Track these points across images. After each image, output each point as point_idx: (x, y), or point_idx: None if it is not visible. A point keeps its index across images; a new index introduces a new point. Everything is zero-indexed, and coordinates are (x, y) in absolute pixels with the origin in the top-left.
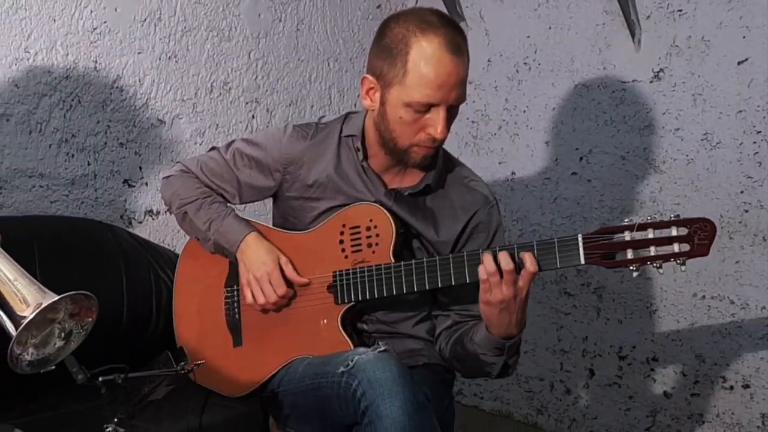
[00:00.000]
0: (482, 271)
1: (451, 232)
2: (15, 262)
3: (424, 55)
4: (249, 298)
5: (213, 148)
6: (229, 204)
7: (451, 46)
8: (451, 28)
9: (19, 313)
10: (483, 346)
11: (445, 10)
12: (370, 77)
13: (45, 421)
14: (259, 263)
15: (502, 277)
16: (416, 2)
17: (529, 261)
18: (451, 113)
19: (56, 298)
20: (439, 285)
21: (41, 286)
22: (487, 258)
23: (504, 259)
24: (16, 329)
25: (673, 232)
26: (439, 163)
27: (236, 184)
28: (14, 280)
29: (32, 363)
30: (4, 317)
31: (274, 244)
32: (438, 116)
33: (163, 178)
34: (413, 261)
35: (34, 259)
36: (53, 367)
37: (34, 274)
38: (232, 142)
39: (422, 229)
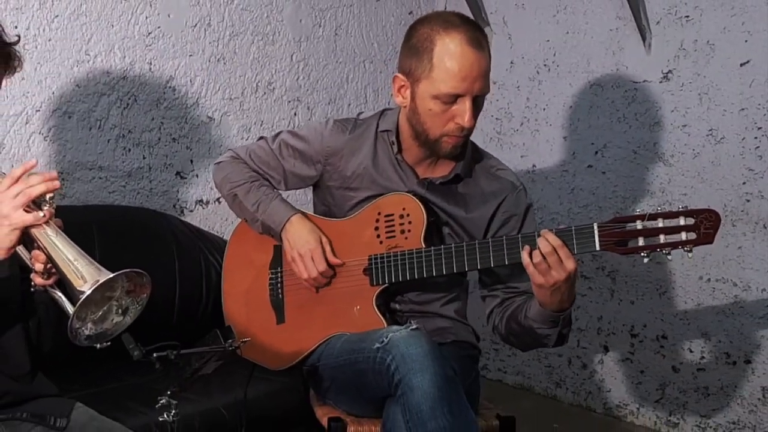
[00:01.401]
0: (537, 255)
1: (482, 216)
2: (75, 243)
3: (448, 50)
4: (297, 273)
5: (261, 138)
6: (275, 189)
7: (472, 41)
8: (471, 26)
9: (78, 289)
10: (538, 321)
11: (471, 16)
12: (400, 76)
13: (104, 394)
14: (302, 241)
15: (545, 260)
16: (445, 7)
17: (547, 238)
18: (477, 103)
19: (112, 275)
20: (466, 269)
21: (99, 265)
22: (541, 241)
23: (551, 237)
24: (75, 305)
25: (681, 221)
26: (468, 154)
27: (282, 172)
28: (74, 260)
29: (90, 337)
30: (63, 298)
31: None
32: (464, 106)
33: (215, 163)
34: (443, 246)
35: (94, 245)
36: (109, 343)
37: (94, 258)
38: (279, 133)
39: (454, 212)
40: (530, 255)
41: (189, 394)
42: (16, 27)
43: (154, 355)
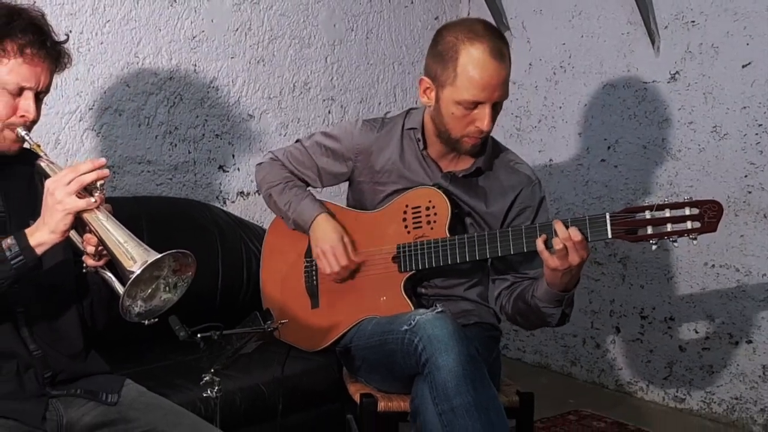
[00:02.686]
0: (557, 242)
1: (500, 207)
2: (124, 227)
3: (471, 61)
4: (321, 268)
5: (297, 141)
6: (308, 188)
7: (495, 52)
8: (495, 37)
9: (128, 269)
10: (544, 300)
11: (492, 21)
12: (426, 79)
13: (152, 371)
14: (325, 239)
15: (565, 247)
16: (468, 14)
17: (572, 232)
18: (496, 109)
19: (160, 255)
20: (488, 256)
21: (147, 246)
22: (561, 228)
23: (573, 231)
24: (126, 284)
25: (687, 211)
26: (488, 149)
27: (316, 170)
28: (124, 242)
29: (140, 314)
30: (113, 278)
31: (348, 222)
32: (484, 112)
33: (257, 164)
34: (466, 235)
35: (143, 234)
36: (157, 319)
37: None
38: (313, 134)
39: (475, 204)
40: (545, 242)
41: (231, 372)
42: (70, 31)
43: (199, 335)
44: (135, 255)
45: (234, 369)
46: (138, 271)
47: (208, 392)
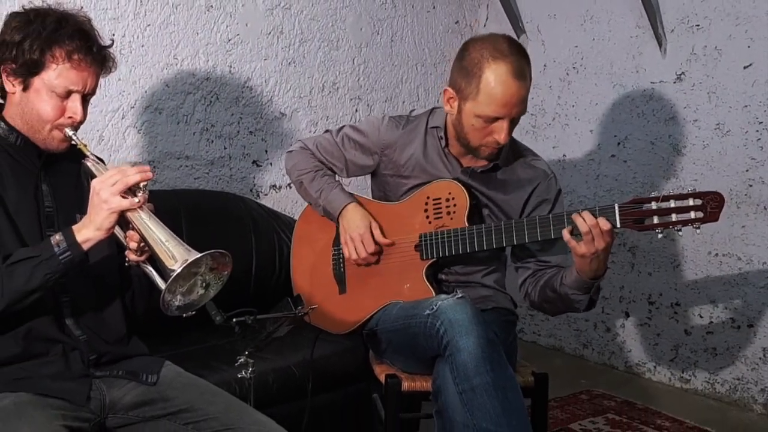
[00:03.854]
0: (584, 224)
1: (517, 199)
2: (165, 226)
3: (494, 79)
4: (347, 254)
5: (327, 131)
6: (337, 178)
7: (516, 72)
8: (518, 56)
9: (169, 267)
10: (573, 287)
11: (509, 24)
12: (450, 89)
13: (189, 354)
14: (354, 227)
15: (591, 231)
16: (486, 19)
17: (600, 221)
18: (513, 123)
19: (199, 255)
20: (504, 245)
21: (187, 246)
22: (589, 217)
23: (602, 220)
24: (167, 281)
25: (690, 202)
26: (506, 146)
27: (343, 161)
28: (165, 241)
29: (180, 307)
30: (154, 272)
31: (372, 212)
32: (502, 126)
33: (287, 152)
34: (483, 225)
35: (181, 225)
36: (194, 312)
37: (182, 236)
38: (342, 127)
39: (493, 196)
40: (570, 232)
41: (264, 354)
42: (113, 34)
43: (234, 320)
44: (176, 254)
45: (267, 351)
46: (179, 270)
47: (243, 373)
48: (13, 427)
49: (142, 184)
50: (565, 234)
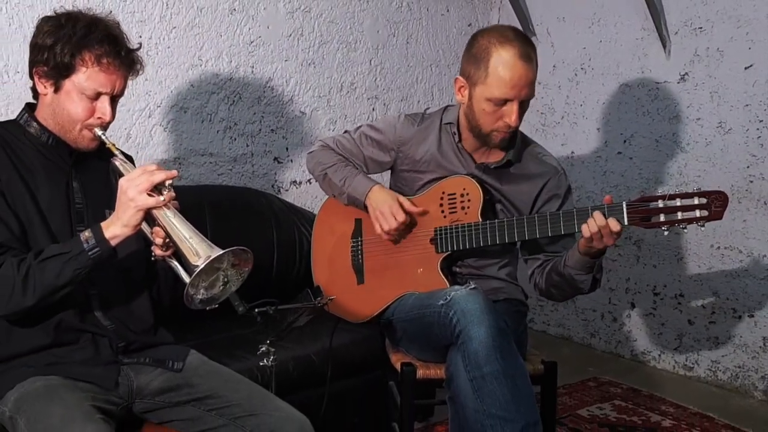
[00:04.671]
0: (593, 225)
1: (528, 194)
2: (189, 223)
3: (501, 62)
4: (378, 229)
5: (346, 131)
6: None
7: (523, 55)
8: (523, 42)
9: (193, 263)
10: (576, 267)
11: (519, 26)
12: (461, 78)
13: (213, 343)
14: (382, 201)
15: (600, 231)
16: (497, 21)
17: (611, 223)
18: (523, 106)
19: (221, 252)
20: (516, 239)
21: (210, 242)
22: (599, 216)
23: (612, 221)
24: (190, 276)
25: (696, 201)
26: (518, 143)
27: (362, 158)
28: (189, 238)
29: (203, 301)
30: (179, 266)
31: None
32: (512, 109)
33: (308, 153)
34: (496, 220)
35: (205, 219)
36: (217, 306)
37: (206, 229)
38: (360, 126)
39: (505, 192)
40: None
41: (284, 343)
42: (140, 36)
43: (256, 310)
44: (199, 250)
45: (288, 340)
46: (202, 265)
47: (265, 361)
48: (45, 408)
49: (167, 183)
50: (585, 229)
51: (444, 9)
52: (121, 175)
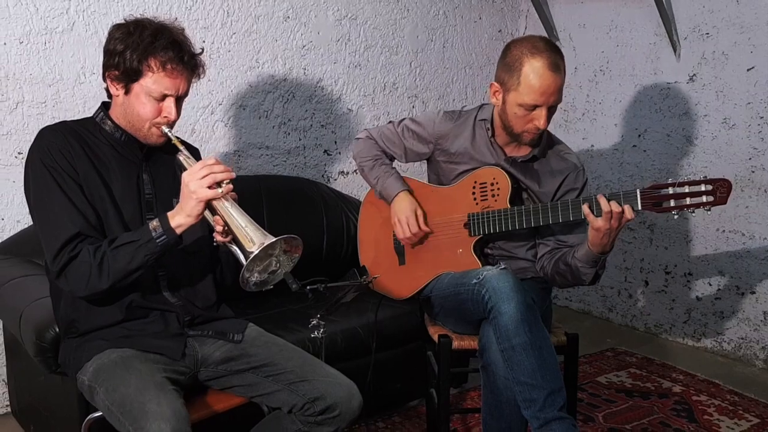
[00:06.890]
0: (606, 205)
1: (550, 187)
2: (246, 213)
3: (532, 71)
4: (396, 233)
5: (390, 122)
6: (394, 162)
7: (552, 65)
8: (553, 52)
9: (248, 250)
10: (583, 260)
11: (545, 33)
12: (495, 84)
13: (270, 317)
14: (401, 211)
15: (611, 211)
16: (525, 28)
17: (626, 209)
18: (551, 111)
19: (274, 239)
20: (541, 223)
21: (264, 230)
22: (604, 201)
23: (614, 204)
24: (246, 260)
25: (702, 188)
26: (544, 140)
27: (403, 149)
28: (245, 227)
29: (257, 283)
30: (239, 252)
31: (428, 194)
32: (541, 113)
33: (355, 138)
34: (523, 207)
35: (262, 205)
36: (271, 287)
37: (263, 215)
38: (403, 119)
39: (530, 184)
40: (590, 208)
41: (333, 317)
42: (203, 41)
43: (308, 288)
44: (254, 238)
45: (336, 315)
46: (256, 251)
47: (315, 333)
48: (121, 377)
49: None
50: (585, 209)
51: (477, 17)
52: (184, 169)
